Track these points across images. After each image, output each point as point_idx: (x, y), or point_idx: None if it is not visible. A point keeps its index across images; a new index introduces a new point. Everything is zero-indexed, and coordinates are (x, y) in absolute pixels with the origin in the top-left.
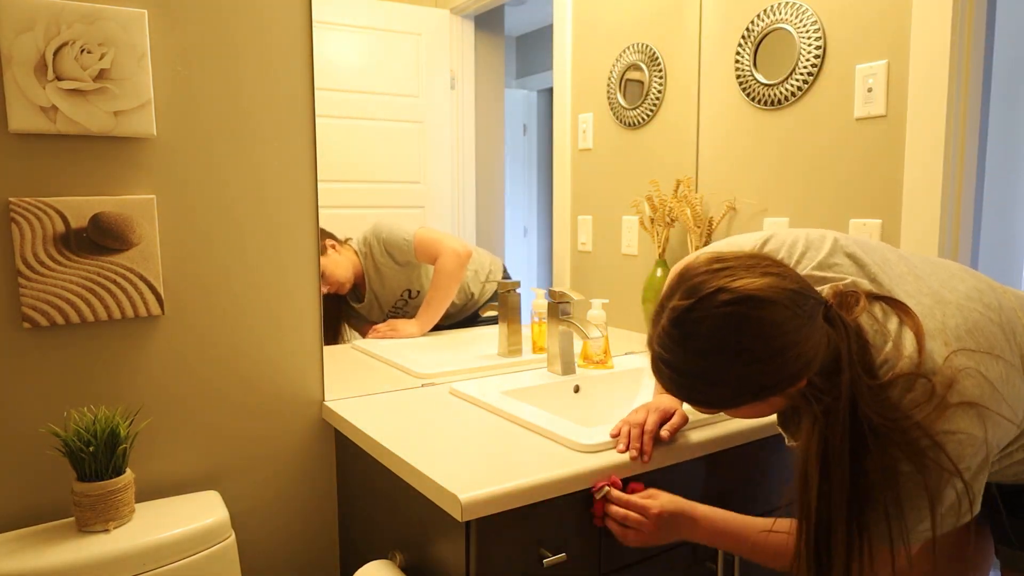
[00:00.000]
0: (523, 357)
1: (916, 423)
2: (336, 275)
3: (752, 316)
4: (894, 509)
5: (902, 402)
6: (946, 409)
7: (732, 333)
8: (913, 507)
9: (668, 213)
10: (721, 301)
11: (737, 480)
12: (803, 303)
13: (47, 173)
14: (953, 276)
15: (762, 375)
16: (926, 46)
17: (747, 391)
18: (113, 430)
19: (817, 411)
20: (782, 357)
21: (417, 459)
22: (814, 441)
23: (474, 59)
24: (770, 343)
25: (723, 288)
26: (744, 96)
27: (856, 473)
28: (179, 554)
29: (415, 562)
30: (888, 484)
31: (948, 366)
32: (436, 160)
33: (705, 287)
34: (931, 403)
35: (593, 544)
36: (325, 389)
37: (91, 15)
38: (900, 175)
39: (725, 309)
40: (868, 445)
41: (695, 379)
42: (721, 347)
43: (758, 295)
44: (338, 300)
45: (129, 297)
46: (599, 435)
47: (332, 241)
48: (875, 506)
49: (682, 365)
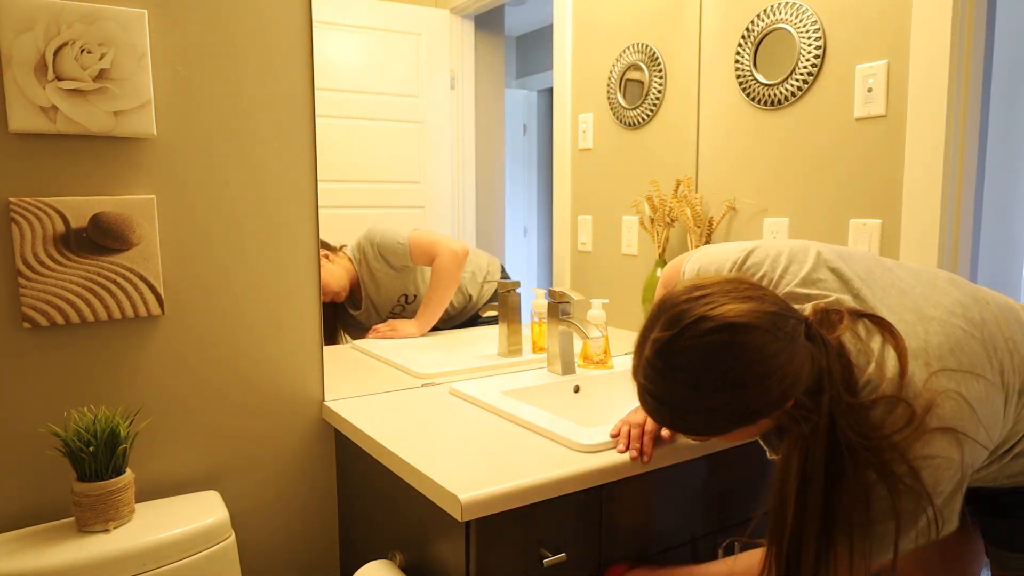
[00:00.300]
0: (523, 357)
1: (894, 444)
2: (331, 285)
3: (735, 343)
4: (860, 529)
5: (883, 424)
6: (925, 433)
7: (716, 362)
8: (880, 528)
9: (668, 213)
10: (703, 330)
11: (737, 480)
12: (783, 324)
13: (47, 173)
14: (936, 289)
15: (749, 401)
16: (926, 46)
17: (734, 417)
18: (113, 430)
19: (804, 430)
20: (767, 381)
21: (417, 459)
22: (795, 458)
23: (474, 59)
24: (754, 368)
25: (704, 316)
26: (744, 96)
27: (830, 491)
28: (179, 554)
29: (415, 562)
30: (859, 504)
31: (928, 388)
32: (436, 160)
33: (686, 317)
34: (910, 426)
35: (593, 544)
36: (325, 389)
37: (91, 15)
38: (900, 175)
39: (708, 338)
40: (845, 465)
41: (681, 409)
42: (706, 376)
43: (739, 322)
44: (335, 308)
45: (129, 297)
46: (599, 435)
47: (325, 251)
48: (843, 524)
49: (668, 396)
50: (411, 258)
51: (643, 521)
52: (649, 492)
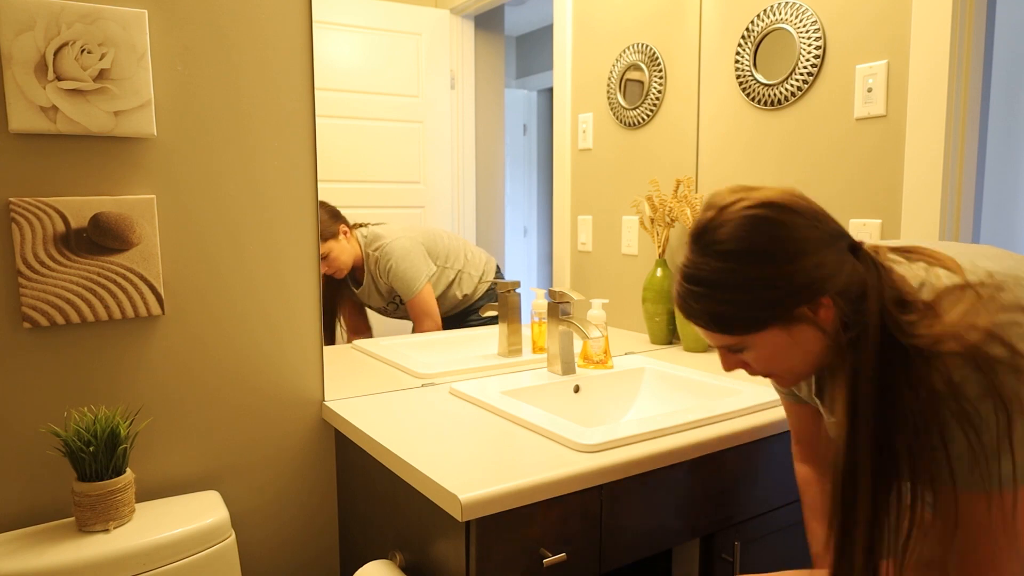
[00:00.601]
0: (523, 357)
1: (976, 327)
2: (340, 260)
3: (772, 218)
4: (958, 447)
5: (951, 315)
6: (1003, 311)
7: (751, 232)
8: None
9: (668, 213)
10: (742, 206)
11: (737, 480)
12: (825, 224)
13: (47, 173)
14: (988, 253)
15: (779, 279)
16: (926, 46)
17: (766, 302)
18: (113, 430)
19: (844, 343)
20: (801, 261)
21: (417, 459)
22: (850, 393)
23: (474, 59)
24: (787, 245)
25: (745, 198)
26: (744, 96)
27: (893, 416)
28: (179, 554)
29: (415, 562)
30: (945, 419)
31: (992, 279)
32: (436, 160)
33: (727, 198)
34: (991, 303)
35: (593, 544)
36: (325, 389)
37: (91, 15)
38: (900, 175)
39: (746, 212)
40: (911, 380)
41: (714, 287)
42: (740, 247)
43: (779, 201)
44: (338, 282)
45: (129, 297)
46: (599, 435)
47: (345, 227)
48: (924, 450)
49: (702, 273)
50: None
51: (643, 521)
52: (649, 492)
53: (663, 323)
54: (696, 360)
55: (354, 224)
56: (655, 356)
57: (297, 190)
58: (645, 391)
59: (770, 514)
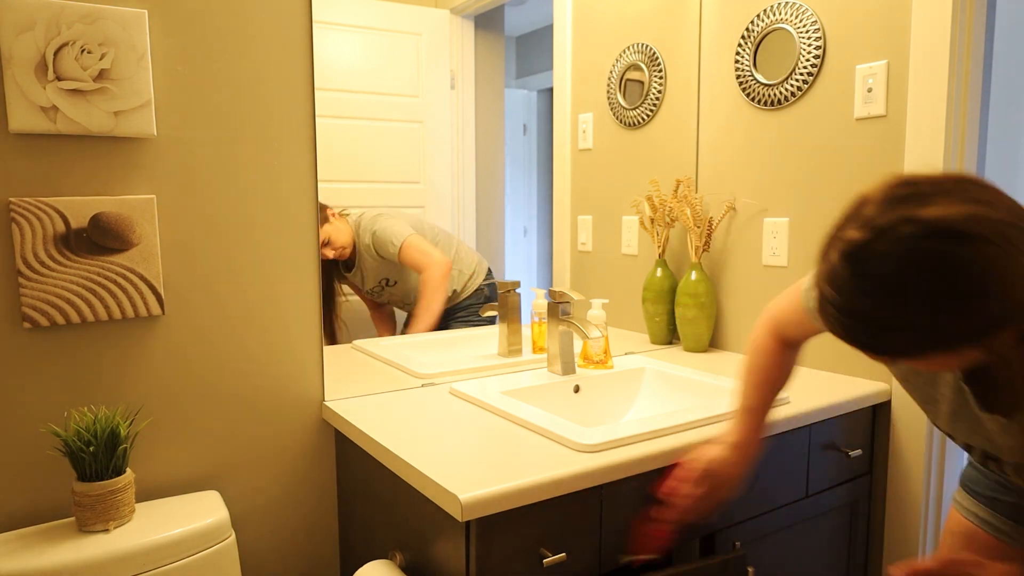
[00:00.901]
0: (523, 357)
1: None
2: (341, 240)
3: (946, 253)
4: None
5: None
6: None
7: (917, 273)
8: None
9: (668, 213)
10: (906, 234)
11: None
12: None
13: (47, 173)
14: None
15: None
16: (926, 46)
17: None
18: (113, 430)
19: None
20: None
21: (417, 459)
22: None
23: (474, 59)
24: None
25: (910, 219)
26: (744, 96)
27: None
28: (179, 554)
29: (415, 562)
30: None
31: None
32: (436, 160)
33: (886, 216)
34: None
35: (593, 544)
36: (325, 389)
37: (91, 15)
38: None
39: (911, 244)
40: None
41: (868, 324)
42: (902, 290)
43: (956, 228)
44: (332, 265)
45: (129, 297)
46: (599, 435)
47: (331, 210)
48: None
49: (854, 308)
50: (399, 260)
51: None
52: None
53: (663, 323)
54: (696, 360)
55: (341, 211)
56: (655, 356)
57: (297, 189)
58: (645, 391)
59: (770, 514)
